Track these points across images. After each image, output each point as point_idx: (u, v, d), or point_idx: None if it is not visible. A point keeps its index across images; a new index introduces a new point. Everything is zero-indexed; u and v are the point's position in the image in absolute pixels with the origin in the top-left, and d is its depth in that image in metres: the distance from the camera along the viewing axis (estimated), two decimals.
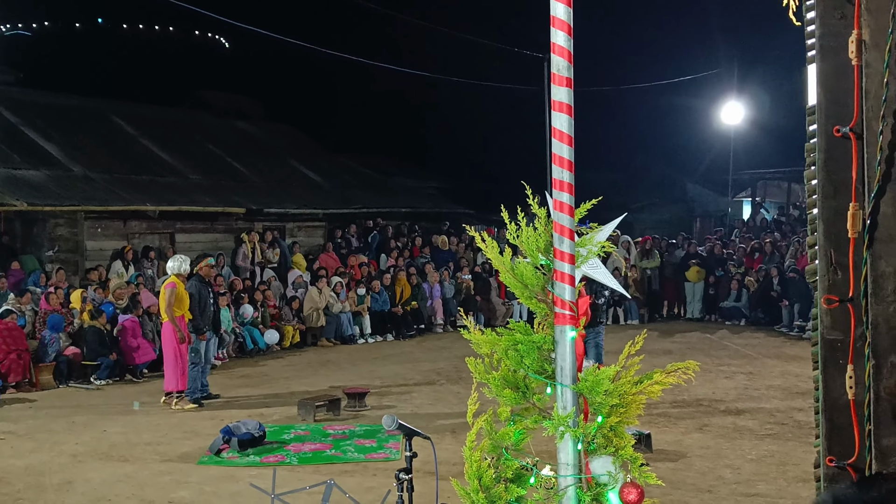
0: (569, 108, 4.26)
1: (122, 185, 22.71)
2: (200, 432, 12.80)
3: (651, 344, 21.57)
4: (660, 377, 4.46)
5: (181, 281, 14.71)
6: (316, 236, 27.01)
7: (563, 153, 4.29)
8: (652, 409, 14.11)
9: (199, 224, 23.65)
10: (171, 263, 14.95)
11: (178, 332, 14.43)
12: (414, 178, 37.19)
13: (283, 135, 33.34)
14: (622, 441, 4.30)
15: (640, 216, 39.09)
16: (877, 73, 3.86)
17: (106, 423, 13.58)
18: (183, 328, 14.53)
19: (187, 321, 14.75)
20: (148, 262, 21.18)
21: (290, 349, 21.03)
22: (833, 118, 3.95)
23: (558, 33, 4.22)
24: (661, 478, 10.47)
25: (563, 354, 4.20)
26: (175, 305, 14.50)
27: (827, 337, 4.06)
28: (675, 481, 10.03)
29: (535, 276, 4.38)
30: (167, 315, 14.54)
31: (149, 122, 27.66)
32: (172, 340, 14.57)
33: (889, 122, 3.82)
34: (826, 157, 4.00)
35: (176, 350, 14.54)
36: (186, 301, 14.72)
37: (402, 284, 23.92)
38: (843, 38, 3.93)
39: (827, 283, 4.01)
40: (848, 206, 3.88)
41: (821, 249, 4.01)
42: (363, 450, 11.74)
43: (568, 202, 4.24)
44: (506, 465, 4.36)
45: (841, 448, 4.01)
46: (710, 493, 9.65)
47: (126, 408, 14.71)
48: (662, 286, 26.56)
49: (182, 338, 14.48)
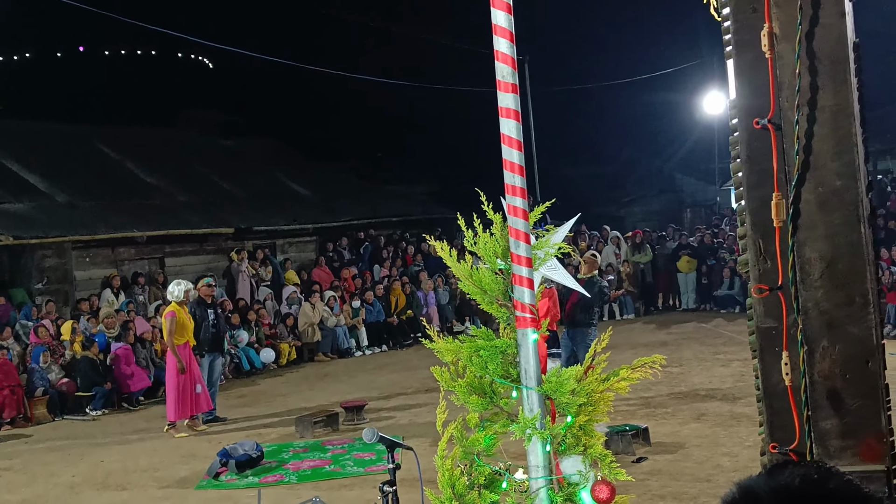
0: (516, 113, 4.26)
1: (108, 211, 22.65)
2: (198, 456, 12.76)
3: (647, 336, 21.72)
4: (626, 373, 4.45)
5: (182, 307, 14.65)
6: (307, 251, 26.95)
7: (513, 158, 4.28)
8: (649, 401, 14.12)
9: (189, 246, 23.58)
10: (172, 289, 14.85)
11: (178, 362, 14.33)
12: (403, 183, 37.15)
13: (269, 150, 33.25)
14: (592, 439, 4.29)
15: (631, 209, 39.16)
16: (789, 65, 3.89)
17: (102, 452, 13.54)
18: (184, 357, 14.44)
19: (192, 347, 14.71)
20: (139, 288, 21.13)
21: (286, 366, 20.99)
22: (752, 111, 3.99)
23: (500, 41, 4.22)
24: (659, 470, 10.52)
25: (527, 357, 4.20)
26: (177, 333, 14.38)
27: (761, 325, 4.09)
28: (673, 472, 10.03)
29: (494, 281, 4.38)
30: (168, 343, 14.46)
31: (133, 146, 27.56)
32: (172, 369, 14.47)
33: (804, 112, 3.85)
34: (748, 148, 4.03)
35: (176, 380, 14.42)
36: (190, 327, 14.67)
37: (396, 294, 23.91)
38: (757, 31, 3.96)
39: (757, 273, 4.04)
40: (772, 195, 3.90)
41: (749, 240, 4.04)
42: (362, 463, 11.70)
43: (521, 206, 4.24)
44: (478, 472, 4.36)
45: (783, 434, 4.03)
46: (709, 483, 9.64)
47: (122, 436, 14.65)
48: (655, 279, 26.57)
49: (182, 368, 14.37)
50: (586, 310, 13.35)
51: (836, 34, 3.86)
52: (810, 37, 3.88)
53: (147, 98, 36.25)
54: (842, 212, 3.85)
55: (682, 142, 38.90)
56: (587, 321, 13.31)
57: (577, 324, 13.35)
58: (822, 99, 3.84)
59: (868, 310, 3.84)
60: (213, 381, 15.37)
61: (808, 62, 3.87)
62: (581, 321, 13.34)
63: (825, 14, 3.85)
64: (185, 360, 14.38)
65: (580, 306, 13.25)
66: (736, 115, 4.06)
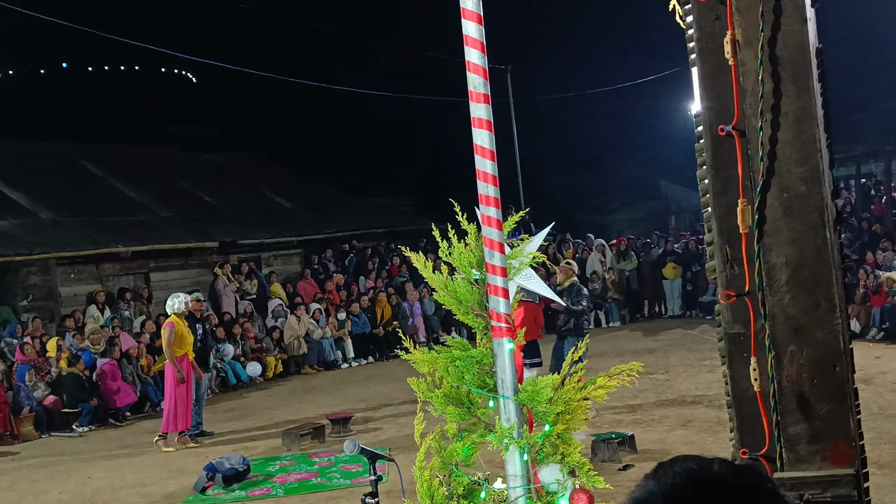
0: (489, 123, 4.27)
1: (92, 227, 22.61)
2: (185, 470, 12.73)
3: (634, 343, 21.75)
4: (603, 381, 4.47)
5: (181, 320, 14.63)
6: (293, 263, 26.93)
7: (486, 168, 4.30)
8: (636, 409, 14.15)
9: (174, 261, 23.54)
10: (170, 302, 14.83)
11: (177, 373, 14.31)
12: (389, 196, 37.15)
13: (253, 164, 33.25)
14: (569, 448, 4.30)
15: (616, 216, 39.18)
16: (752, 71, 3.92)
17: (90, 469, 13.50)
18: (183, 368, 14.42)
19: (191, 359, 14.68)
20: (124, 304, 21.07)
21: (273, 379, 20.96)
22: (717, 118, 4.02)
23: (472, 51, 4.24)
24: None
25: (503, 366, 4.21)
26: (175, 345, 14.36)
27: (729, 331, 4.11)
28: None
29: (469, 291, 4.39)
30: (167, 355, 14.43)
31: (117, 162, 27.55)
32: (171, 380, 14.43)
33: (767, 118, 3.88)
34: (713, 155, 4.06)
35: (173, 391, 14.38)
36: (189, 339, 14.66)
37: (382, 305, 23.91)
38: (720, 39, 4.00)
39: (725, 279, 4.06)
40: (737, 202, 3.93)
41: (716, 246, 4.07)
42: (349, 475, 11.70)
43: (495, 216, 4.26)
44: (457, 482, 4.36)
45: (752, 439, 4.05)
46: None
47: (109, 452, 14.62)
48: (641, 286, 26.63)
49: (181, 378, 14.34)
50: (573, 318, 13.38)
51: (798, 40, 3.89)
52: (772, 43, 3.90)
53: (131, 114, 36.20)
54: (806, 217, 3.88)
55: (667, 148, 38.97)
56: (574, 332, 13.32)
57: (565, 333, 13.38)
58: (785, 105, 3.87)
59: (834, 314, 3.87)
60: (199, 396, 15.32)
61: (770, 68, 3.90)
62: (570, 330, 13.36)
63: (787, 21, 3.88)
64: (185, 372, 14.39)
65: (567, 315, 13.30)
66: (701, 122, 4.09)
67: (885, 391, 14.15)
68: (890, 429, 11.71)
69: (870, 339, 19.30)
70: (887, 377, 15.25)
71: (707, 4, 3.99)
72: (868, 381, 15.02)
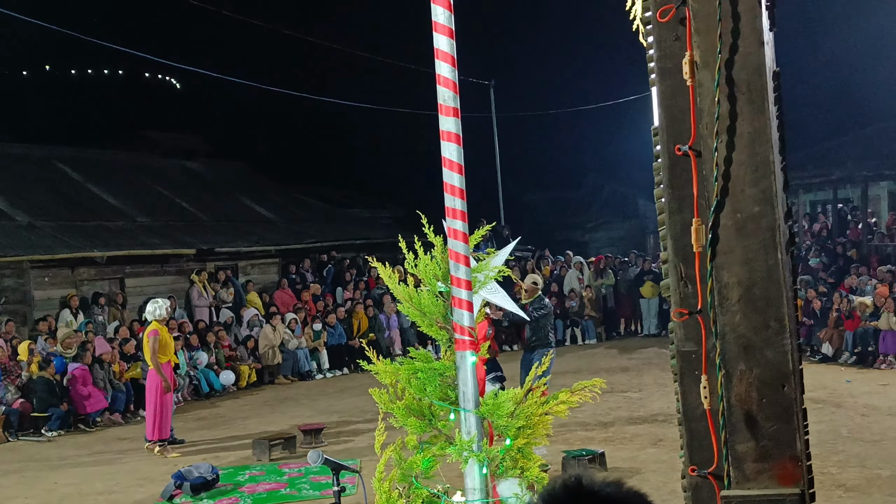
0: (457, 137, 4.29)
1: (68, 231, 22.50)
2: (154, 478, 12.66)
3: (609, 361, 21.81)
4: (566, 396, 4.48)
5: (163, 325, 14.56)
6: (270, 273, 26.85)
7: (453, 181, 4.31)
8: (608, 426, 14.18)
9: (150, 267, 23.44)
10: (150, 307, 14.71)
11: (163, 381, 14.24)
12: (367, 208, 37.17)
13: (233, 172, 33.20)
14: (529, 462, 4.31)
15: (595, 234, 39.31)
16: (709, 92, 3.96)
17: (57, 475, 13.40)
18: (168, 375, 14.35)
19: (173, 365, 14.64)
20: (98, 309, 20.96)
21: (246, 389, 20.85)
22: (673, 137, 4.05)
23: (443, 65, 4.26)
24: None
25: (465, 379, 4.22)
26: (159, 352, 14.29)
27: (681, 349, 4.14)
28: None
29: (434, 303, 4.40)
30: (152, 363, 14.32)
31: (95, 167, 27.47)
32: (156, 389, 14.34)
33: (723, 139, 3.91)
34: (670, 174, 4.09)
35: (158, 398, 14.29)
36: (171, 346, 14.58)
37: (358, 317, 23.86)
38: (679, 59, 4.03)
39: (678, 297, 4.09)
40: (692, 221, 3.96)
41: (671, 264, 4.09)
42: (319, 486, 11.67)
43: (462, 229, 4.27)
44: (416, 494, 4.36)
45: (701, 457, 4.07)
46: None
47: (78, 458, 14.52)
48: (618, 304, 26.71)
49: (167, 387, 14.28)
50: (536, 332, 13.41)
51: (755, 63, 3.92)
52: (730, 65, 3.94)
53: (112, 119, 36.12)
54: (759, 237, 3.91)
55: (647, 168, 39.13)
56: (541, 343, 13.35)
57: (534, 345, 13.41)
58: (740, 126, 3.91)
59: (784, 334, 3.89)
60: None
61: (727, 90, 3.93)
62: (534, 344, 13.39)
63: (744, 43, 3.92)
64: (170, 380, 14.34)
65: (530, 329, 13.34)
66: (659, 141, 4.12)
67: (854, 415, 14.23)
68: (858, 452, 11.77)
69: (842, 362, 19.41)
70: (857, 401, 15.34)
71: (667, 25, 4.02)
72: (839, 404, 15.11)
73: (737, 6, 3.95)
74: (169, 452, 14.31)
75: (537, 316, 13.44)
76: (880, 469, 10.89)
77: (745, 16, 3.95)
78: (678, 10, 4.00)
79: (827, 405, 15.01)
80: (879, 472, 10.79)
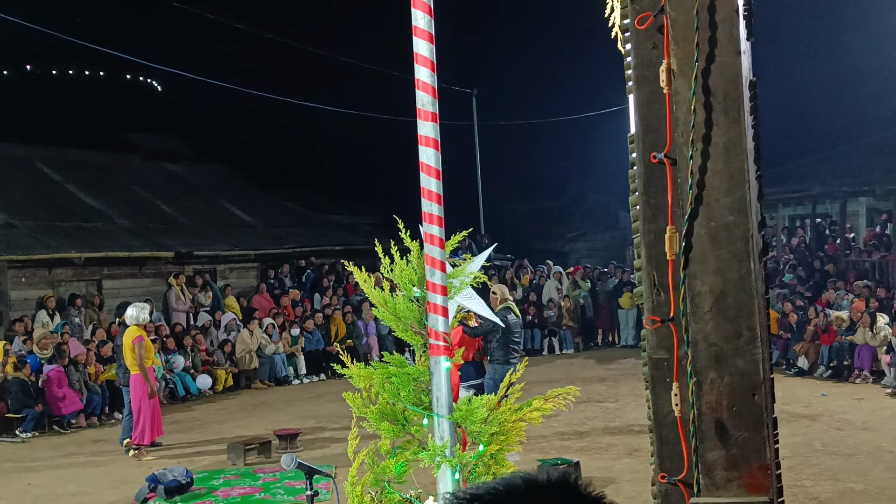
0: (435, 142, 4.29)
1: (46, 232, 22.38)
2: (128, 481, 12.60)
3: (586, 371, 21.86)
4: (539, 403, 4.49)
5: (143, 330, 14.47)
6: (248, 277, 26.78)
7: (431, 186, 4.32)
8: (584, 436, 14.21)
9: (127, 269, 23.34)
10: (132, 312, 14.55)
11: (150, 387, 14.17)
12: (348, 213, 37.11)
13: (213, 175, 33.11)
14: (501, 468, 4.31)
15: (576, 245, 39.38)
16: (685, 101, 3.98)
17: (31, 476, 13.33)
18: (151, 379, 14.29)
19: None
20: (75, 311, 20.84)
21: (223, 393, 20.78)
22: (649, 145, 4.07)
23: (422, 69, 4.26)
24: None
25: (439, 385, 4.22)
26: (145, 356, 14.21)
27: (653, 356, 4.16)
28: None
29: (409, 308, 4.40)
30: (139, 369, 14.20)
31: (75, 168, 27.34)
32: (142, 394, 14.24)
33: (698, 148, 3.93)
34: (645, 182, 4.11)
35: (143, 402, 14.20)
36: (152, 350, 14.50)
37: (336, 323, 23.83)
38: (656, 67, 4.04)
39: (651, 305, 4.11)
40: (666, 229, 3.98)
41: (644, 272, 4.11)
42: (293, 491, 11.64)
43: (438, 234, 4.27)
44: (388, 499, 4.36)
45: (672, 464, 4.09)
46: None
47: (52, 460, 14.44)
48: (596, 314, 26.77)
49: (153, 392, 14.24)
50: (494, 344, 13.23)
51: (731, 72, 3.94)
52: (706, 74, 3.96)
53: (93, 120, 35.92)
54: (732, 247, 3.92)
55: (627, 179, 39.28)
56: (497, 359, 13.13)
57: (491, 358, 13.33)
58: (715, 135, 3.93)
59: (755, 343, 3.91)
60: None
61: (703, 99, 3.95)
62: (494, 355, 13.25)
63: (721, 52, 3.94)
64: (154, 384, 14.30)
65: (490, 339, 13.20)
66: (635, 149, 4.14)
67: (829, 428, 14.29)
68: (832, 465, 11.83)
69: (817, 376, 19.51)
70: (832, 415, 15.42)
71: (645, 32, 4.04)
72: (814, 418, 15.18)
73: (714, 15, 3.98)
74: (144, 455, 14.24)
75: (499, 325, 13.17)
76: (853, 483, 10.95)
77: (722, 25, 3.98)
78: (656, 18, 4.03)
79: (802, 418, 15.08)
80: (852, 485, 10.84)
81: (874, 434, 13.77)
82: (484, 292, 11.50)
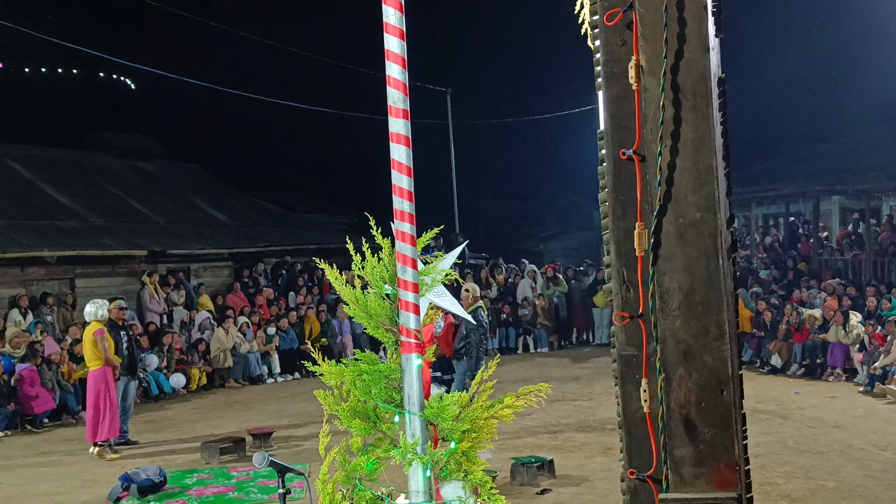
0: (406, 139, 4.30)
1: (18, 230, 22.22)
2: (100, 480, 12.54)
3: (560, 370, 21.89)
4: (511, 401, 4.50)
5: (105, 325, 14.39)
6: (222, 276, 26.70)
7: (402, 183, 4.32)
8: (558, 435, 14.24)
9: (101, 268, 23.22)
10: (90, 309, 14.51)
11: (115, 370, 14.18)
12: (323, 213, 37.07)
13: (187, 174, 33.00)
14: (473, 466, 4.32)
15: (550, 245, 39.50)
16: (654, 97, 4.00)
17: (2, 475, 13.24)
18: (106, 378, 14.19)
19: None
20: (47, 309, 20.72)
21: (196, 392, 20.72)
22: (619, 141, 4.08)
23: (393, 66, 4.26)
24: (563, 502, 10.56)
25: (410, 382, 4.22)
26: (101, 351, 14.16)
27: (622, 353, 4.18)
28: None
29: (380, 306, 4.40)
30: (104, 360, 14.13)
31: (47, 166, 27.19)
32: (98, 388, 14.16)
33: (667, 144, 3.96)
34: (614, 179, 4.13)
35: (102, 398, 14.11)
36: (112, 345, 14.41)
37: (311, 322, 23.80)
38: (625, 64, 4.06)
39: (620, 301, 4.13)
40: (635, 226, 4.00)
41: (613, 268, 4.13)
42: (267, 490, 11.62)
43: (409, 232, 4.28)
44: (360, 496, 4.36)
45: (640, 460, 4.11)
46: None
47: (24, 459, 14.35)
48: (571, 313, 26.84)
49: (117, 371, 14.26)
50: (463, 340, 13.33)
51: (700, 69, 3.97)
52: (675, 70, 3.98)
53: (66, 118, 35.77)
54: (700, 243, 3.95)
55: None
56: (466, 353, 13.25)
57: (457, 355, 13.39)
58: (684, 132, 3.95)
59: (724, 340, 3.94)
60: (127, 406, 15.11)
61: (671, 95, 3.97)
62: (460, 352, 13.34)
63: (690, 49, 3.96)
64: (107, 382, 14.17)
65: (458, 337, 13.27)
66: (604, 145, 4.16)
67: (801, 426, 14.38)
68: (804, 464, 11.90)
69: (790, 374, 19.64)
70: (805, 413, 15.51)
71: (614, 29, 4.06)
72: (786, 416, 15.27)
73: (683, 11, 4.00)
74: (107, 454, 14.15)
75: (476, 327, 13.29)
76: (825, 480, 11.02)
77: (691, 22, 4.00)
78: (625, 14, 4.05)
79: (774, 416, 15.17)
80: (824, 483, 10.91)
81: (846, 432, 13.87)
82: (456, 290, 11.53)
